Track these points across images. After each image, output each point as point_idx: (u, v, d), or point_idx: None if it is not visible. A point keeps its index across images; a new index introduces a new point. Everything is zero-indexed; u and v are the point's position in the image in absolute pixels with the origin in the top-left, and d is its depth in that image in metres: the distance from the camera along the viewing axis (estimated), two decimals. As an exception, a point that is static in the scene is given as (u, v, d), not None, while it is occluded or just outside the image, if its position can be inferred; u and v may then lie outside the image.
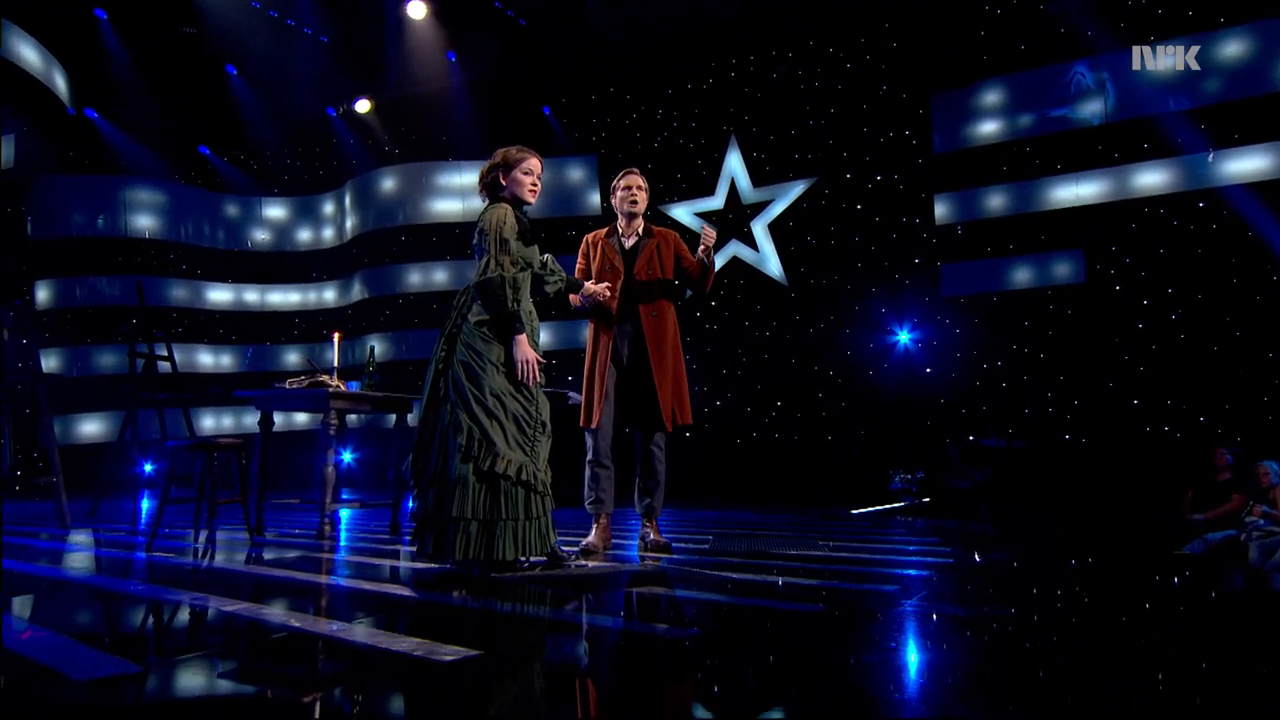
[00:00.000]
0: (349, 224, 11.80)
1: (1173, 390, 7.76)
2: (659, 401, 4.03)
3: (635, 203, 4.20)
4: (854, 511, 7.04)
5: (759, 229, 9.93)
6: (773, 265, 9.82)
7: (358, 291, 11.72)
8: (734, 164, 10.07)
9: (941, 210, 9.07)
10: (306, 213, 12.27)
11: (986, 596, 2.87)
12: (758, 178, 9.95)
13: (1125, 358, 8.02)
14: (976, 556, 4.05)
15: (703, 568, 3.53)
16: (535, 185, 3.44)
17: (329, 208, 12.23)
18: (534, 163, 3.45)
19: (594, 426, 4.07)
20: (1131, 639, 2.22)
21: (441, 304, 11.00)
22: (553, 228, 10.34)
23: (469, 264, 10.93)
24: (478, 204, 11.02)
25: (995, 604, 2.73)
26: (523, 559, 3.36)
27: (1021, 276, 8.62)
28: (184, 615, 2.59)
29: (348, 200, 11.84)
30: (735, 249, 9.98)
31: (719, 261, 9.33)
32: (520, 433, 3.29)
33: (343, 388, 4.70)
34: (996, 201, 8.77)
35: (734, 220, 10.02)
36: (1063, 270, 8.39)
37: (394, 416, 5.63)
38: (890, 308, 9.25)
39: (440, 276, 11.16)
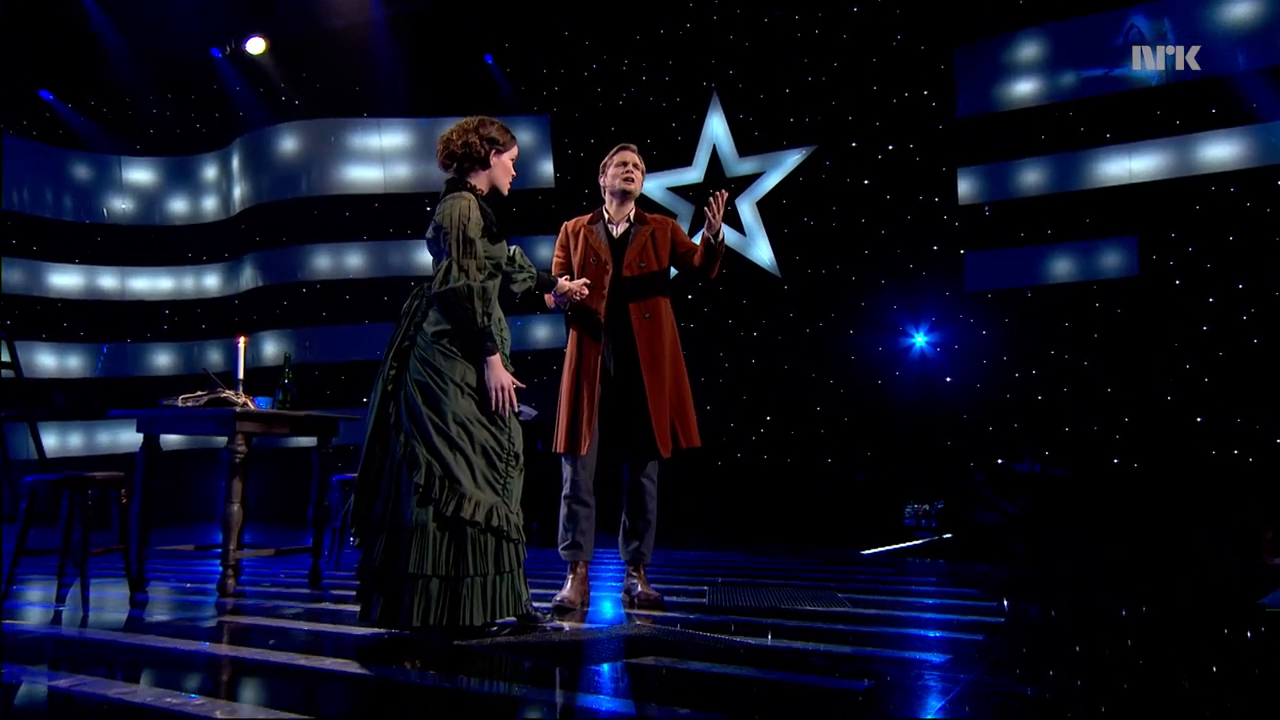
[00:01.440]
0: (237, 193, 11.67)
1: (1244, 406, 7.86)
2: (652, 422, 4.11)
3: (631, 180, 4.32)
4: (864, 552, 7.18)
5: (746, 208, 10.05)
6: (762, 251, 9.93)
7: (249, 278, 11.63)
8: (716, 128, 10.19)
9: (966, 187, 9.23)
10: (181, 177, 12.08)
11: (1056, 671, 2.93)
12: (744, 145, 10.06)
13: (1187, 366, 8.19)
14: (1028, 615, 4.15)
15: (706, 628, 3.57)
16: (513, 176, 3.58)
17: (211, 171, 12.09)
18: (516, 150, 3.59)
19: (579, 454, 4.14)
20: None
21: (357, 296, 10.99)
22: (493, 203, 10.34)
23: (392, 246, 10.97)
24: (402, 172, 11.09)
25: (1069, 679, 2.78)
26: (492, 626, 3.38)
27: (1061, 268, 8.81)
28: (39, 699, 2.54)
29: (235, 163, 11.71)
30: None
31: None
32: (491, 468, 3.34)
33: (251, 405, 4.62)
34: (1032, 177, 8.97)
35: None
36: (1112, 261, 8.60)
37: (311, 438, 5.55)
38: (903, 304, 9.36)
39: (355, 261, 11.12)
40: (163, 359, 11.84)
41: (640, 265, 4.26)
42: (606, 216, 4.41)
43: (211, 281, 12.13)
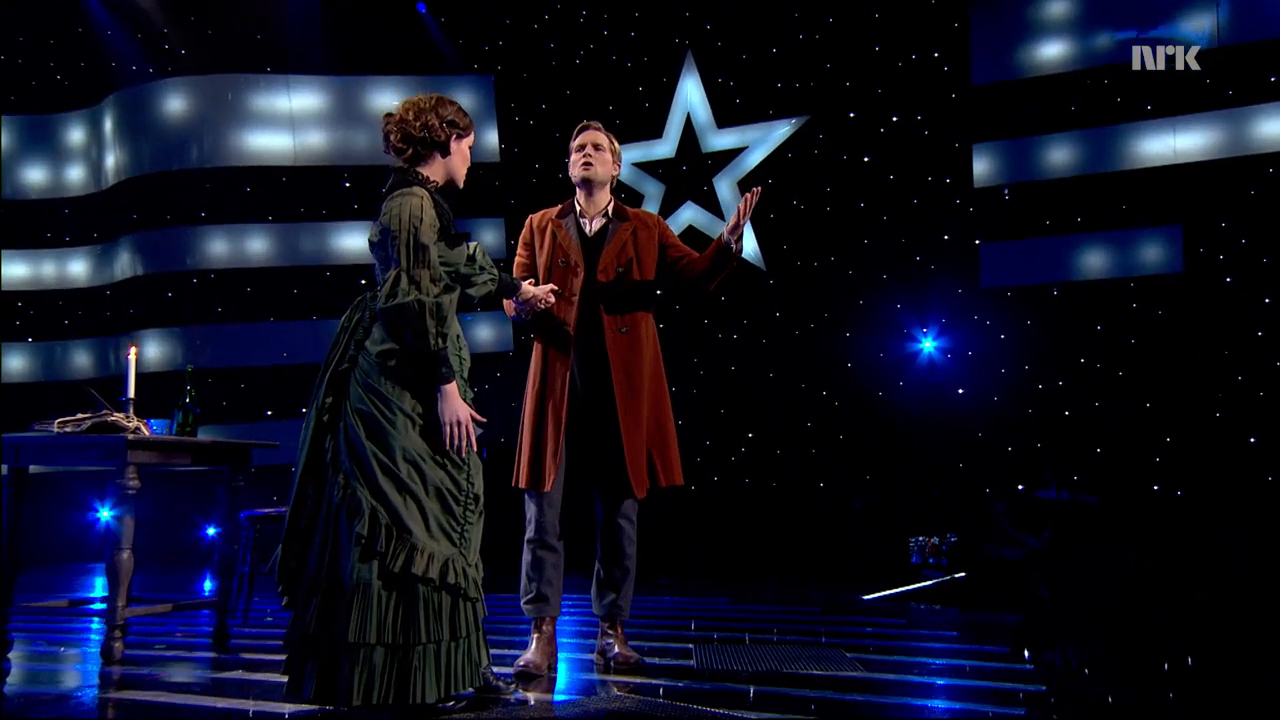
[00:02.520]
0: (110, 161, 11.43)
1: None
2: (625, 455, 4.17)
3: (590, 165, 4.36)
4: (866, 597, 7.26)
5: (725, 188, 10.08)
6: (745, 240, 9.81)
7: (125, 265, 11.41)
8: (690, 94, 10.24)
9: (983, 167, 9.31)
10: (39, 140, 11.75)
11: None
12: (724, 115, 10.09)
13: (1239, 378, 8.24)
14: (1067, 679, 4.20)
15: (695, 698, 3.56)
16: (469, 165, 3.67)
17: (76, 135, 11.81)
18: (473, 136, 3.69)
19: (543, 490, 4.17)
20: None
21: (261, 288, 10.85)
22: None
23: (304, 230, 10.88)
24: (316, 141, 10.97)
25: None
26: (448, 702, 3.35)
27: (1093, 262, 8.94)
28: None
29: (108, 125, 11.44)
30: (690, 214, 10.14)
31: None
32: (446, 513, 3.35)
33: (145, 430, 4.54)
34: (1060, 156, 9.07)
35: (689, 174, 10.16)
36: (1152, 254, 8.71)
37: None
38: (909, 302, 9.46)
39: (258, 246, 10.98)
40: (14, 363, 11.53)
41: (618, 269, 4.31)
42: (578, 210, 4.44)
43: (78, 269, 11.87)
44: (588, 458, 4.27)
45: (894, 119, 9.62)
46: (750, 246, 9.87)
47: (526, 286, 4.15)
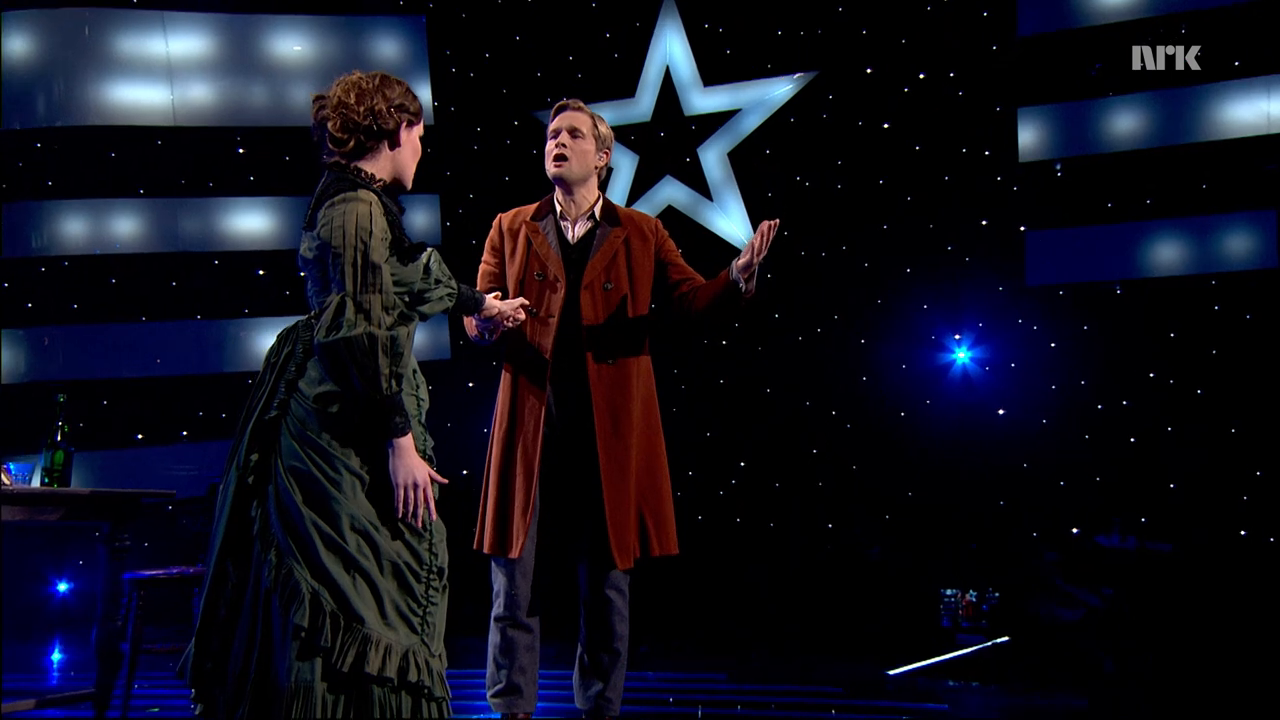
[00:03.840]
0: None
1: None
2: (607, 518, 4.24)
3: (563, 160, 4.45)
4: (892, 672, 7.28)
5: (713, 160, 10.06)
6: (735, 223, 9.96)
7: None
8: (671, 44, 10.21)
9: (1030, 136, 9.28)
10: None
11: None
12: (712, 70, 10.06)
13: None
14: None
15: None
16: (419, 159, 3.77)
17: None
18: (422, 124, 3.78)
19: (512, 556, 4.23)
20: None
21: (131, 279, 10.60)
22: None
23: (186, 207, 10.67)
24: (201, 95, 10.71)
25: None
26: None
27: (1166, 255, 8.92)
28: None
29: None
30: (669, 191, 10.13)
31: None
32: (405, 593, 3.35)
33: (4, 478, 4.41)
34: (1125, 123, 9.05)
35: (669, 143, 10.16)
36: (1239, 245, 8.69)
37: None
38: (938, 303, 9.45)
39: (127, 228, 10.72)
40: None
41: (605, 286, 4.39)
42: (558, 209, 4.51)
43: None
44: (567, 516, 4.34)
45: (920, 76, 9.59)
46: (741, 232, 9.86)
47: (491, 301, 4.17)
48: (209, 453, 9.86)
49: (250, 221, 10.77)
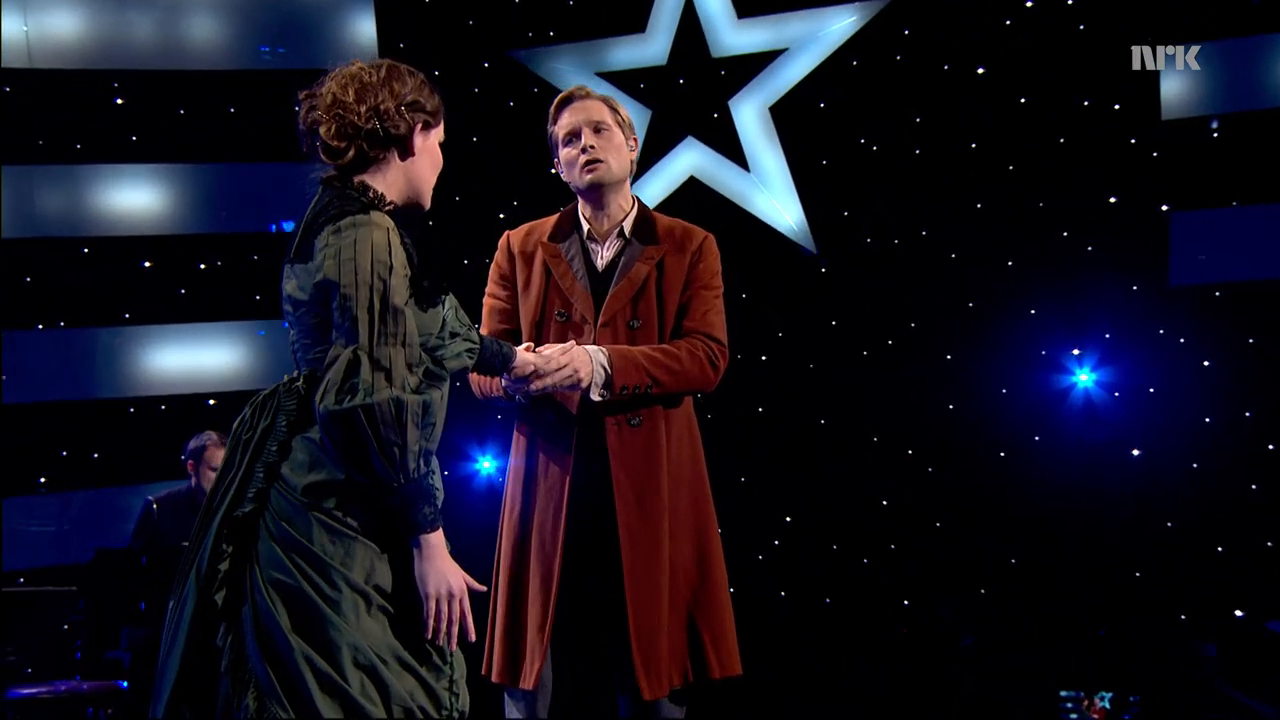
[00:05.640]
0: None
1: None
2: (630, 632, 4.17)
3: (598, 164, 4.41)
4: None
5: (749, 116, 9.56)
6: (780, 201, 9.45)
7: None
8: (696, -33, 9.99)
9: (1177, 86, 8.76)
10: None
11: None
12: (747, 0, 9.66)
13: None
14: None
15: None
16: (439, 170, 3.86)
17: None
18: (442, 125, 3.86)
19: (525, 687, 4.25)
20: None
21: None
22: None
23: (43, 178, 10.01)
24: (64, 29, 10.09)
25: None
26: None
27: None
28: None
29: None
30: (690, 158, 9.70)
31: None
32: None
33: None
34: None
35: (691, 94, 9.72)
36: None
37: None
38: (1051, 308, 8.94)
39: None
40: None
41: (631, 324, 4.37)
42: (584, 228, 4.49)
43: None
44: (592, 630, 4.33)
45: (1027, 4, 9.09)
46: (790, 215, 9.46)
47: (525, 356, 4.05)
48: (74, 505, 9.36)
49: (132, 197, 10.19)
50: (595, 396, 4.11)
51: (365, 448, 3.18)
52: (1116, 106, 8.79)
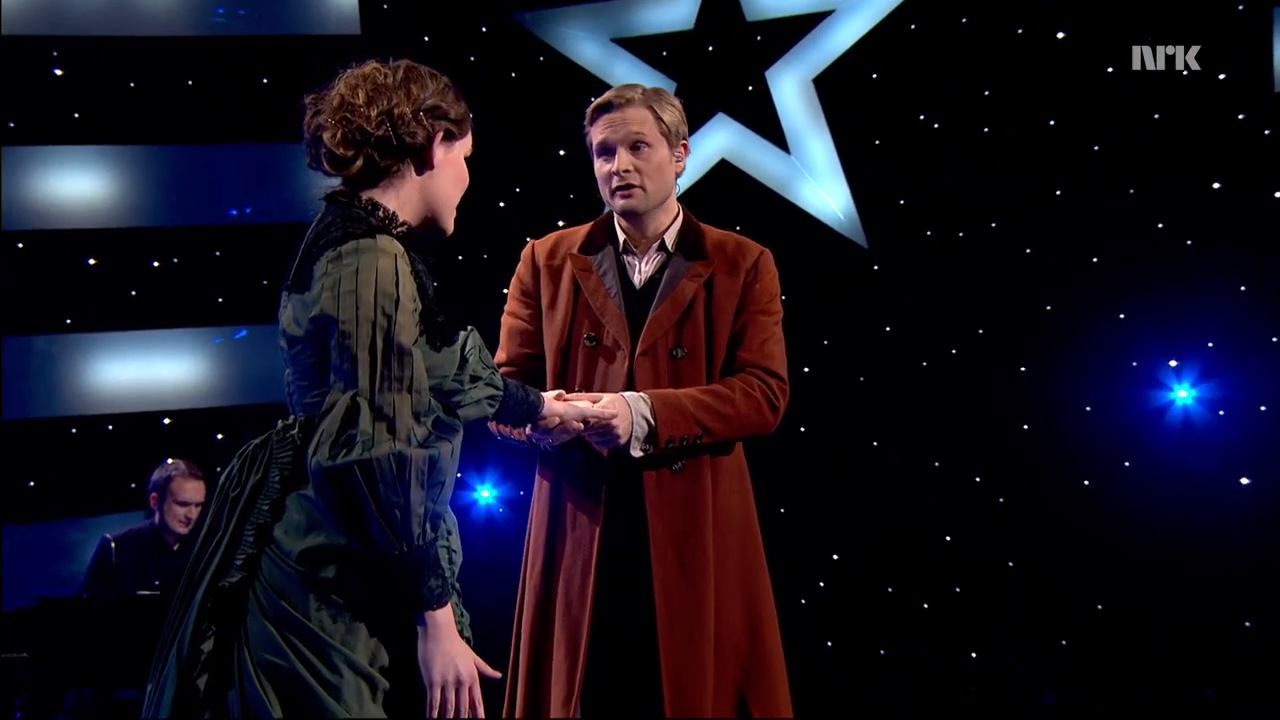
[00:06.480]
0: None
1: None
2: (667, 715, 4.06)
3: (631, 190, 4.30)
4: None
5: (790, 90, 9.40)
6: (825, 187, 9.35)
7: None
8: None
9: None
10: None
11: None
12: (788, -47, 9.66)
13: None
14: None
15: None
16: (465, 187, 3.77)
17: None
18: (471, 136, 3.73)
19: None
20: None
21: None
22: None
23: None
24: None
25: None
26: None
27: None
28: None
29: None
30: (721, 138, 9.51)
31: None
32: None
33: None
34: None
35: (721, 62, 9.56)
36: None
37: None
38: (1143, 311, 8.72)
39: None
40: None
41: (675, 353, 4.26)
42: (620, 239, 4.42)
43: None
44: (629, 709, 4.19)
45: None
46: (837, 204, 9.33)
47: (554, 404, 3.87)
48: (6, 543, 8.89)
49: (74, 184, 9.79)
50: (636, 453, 3.96)
51: (362, 510, 3.02)
52: (1222, 76, 8.51)
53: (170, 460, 7.57)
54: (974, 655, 8.71)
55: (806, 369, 9.05)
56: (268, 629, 3.10)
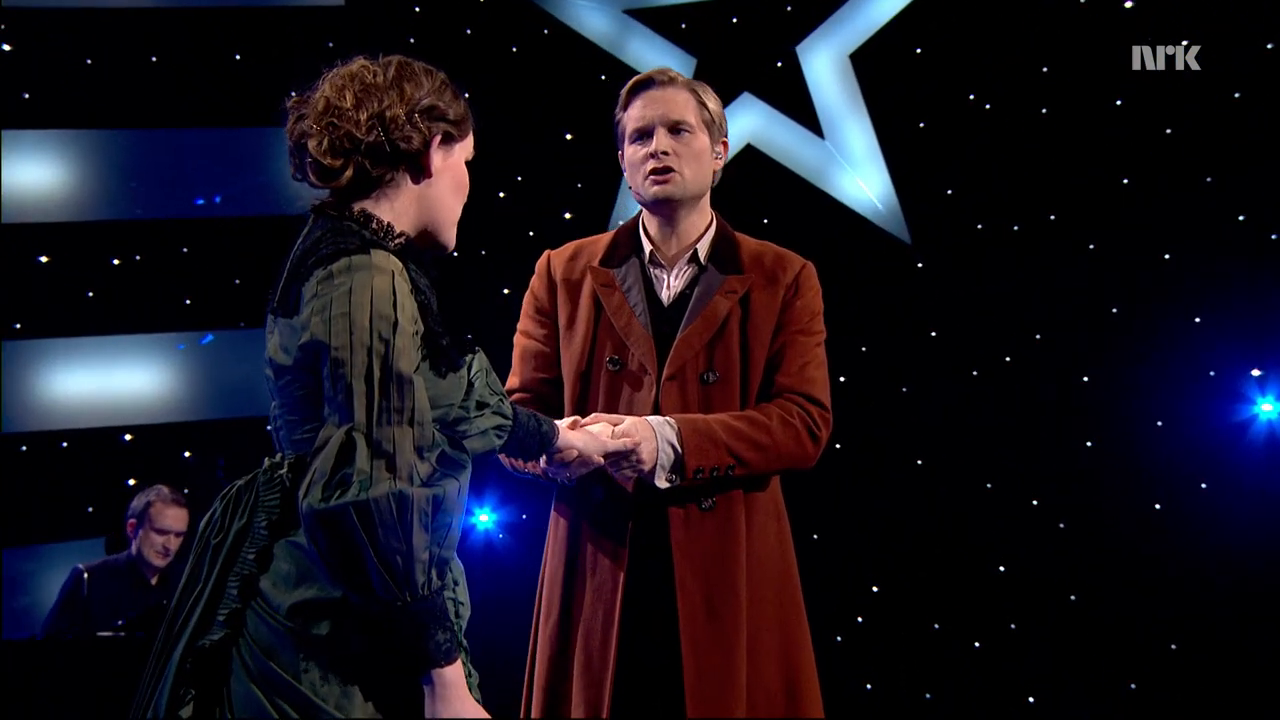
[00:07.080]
0: None
1: None
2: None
3: (668, 174, 4.19)
4: None
5: (824, 67, 9.28)
6: (862, 175, 9.23)
7: None
8: None
9: None
10: None
11: None
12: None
13: None
14: None
15: None
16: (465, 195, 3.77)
17: None
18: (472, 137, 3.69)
19: None
20: None
21: None
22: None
23: None
24: None
25: None
26: None
27: None
28: None
29: None
30: (747, 121, 9.31)
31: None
32: None
33: None
34: None
35: (746, 35, 9.47)
36: None
37: None
38: (1222, 316, 8.49)
39: None
40: None
41: (706, 377, 4.17)
42: (646, 250, 4.31)
43: None
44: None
45: None
46: (877, 195, 9.10)
47: (569, 435, 3.79)
48: None
49: (25, 173, 9.51)
50: (662, 484, 3.84)
51: (360, 557, 2.91)
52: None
53: (153, 486, 7.29)
54: (1031, 700, 8.46)
55: (843, 378, 8.79)
56: (254, 693, 3.01)
